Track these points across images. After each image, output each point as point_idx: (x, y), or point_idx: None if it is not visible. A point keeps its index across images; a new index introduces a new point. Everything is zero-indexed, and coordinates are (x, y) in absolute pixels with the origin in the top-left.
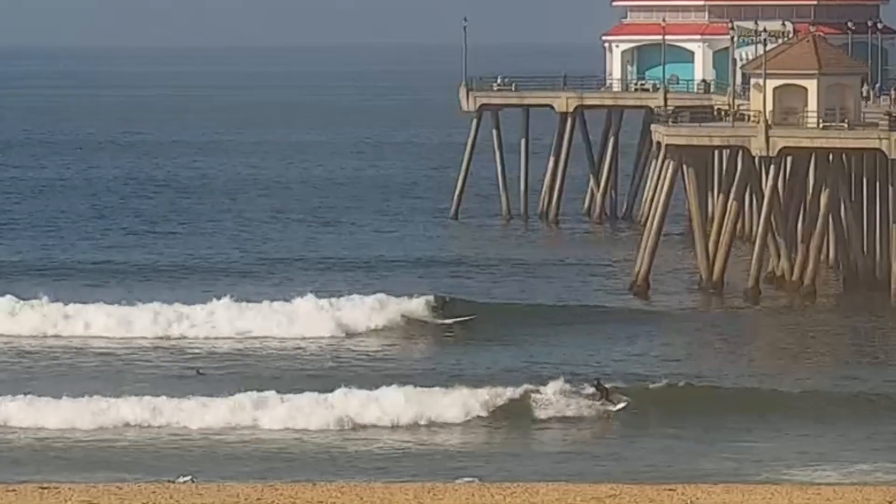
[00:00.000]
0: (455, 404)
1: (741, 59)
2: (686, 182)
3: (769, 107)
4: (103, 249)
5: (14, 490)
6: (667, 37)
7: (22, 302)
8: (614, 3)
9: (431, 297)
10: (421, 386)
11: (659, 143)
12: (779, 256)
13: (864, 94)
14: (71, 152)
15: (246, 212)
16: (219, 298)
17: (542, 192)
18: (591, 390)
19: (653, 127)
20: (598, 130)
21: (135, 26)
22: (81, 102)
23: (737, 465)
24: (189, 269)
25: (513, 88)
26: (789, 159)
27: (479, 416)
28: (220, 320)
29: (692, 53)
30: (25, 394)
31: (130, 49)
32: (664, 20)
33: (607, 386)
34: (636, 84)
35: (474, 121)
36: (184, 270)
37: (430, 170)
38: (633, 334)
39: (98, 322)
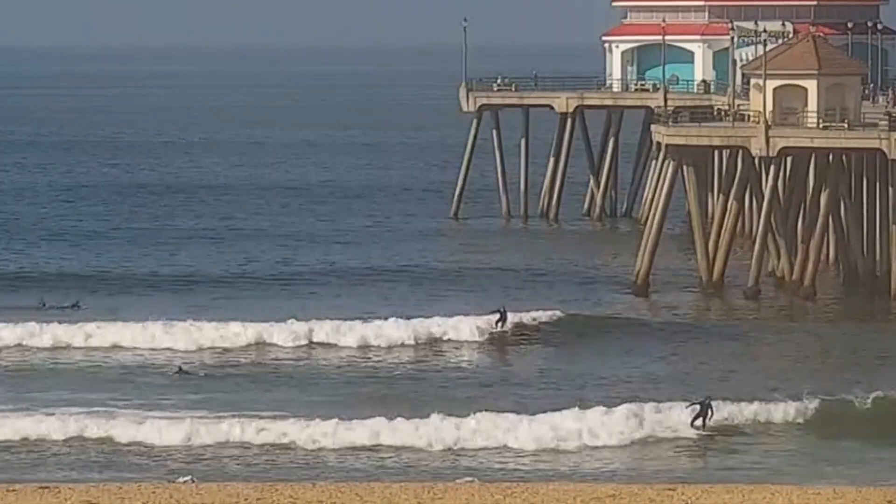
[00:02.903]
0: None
1: (741, 60)
2: (686, 182)
3: (769, 107)
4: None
5: (14, 490)
6: (667, 37)
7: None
8: (614, 4)
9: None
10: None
11: (659, 143)
12: (779, 256)
13: (864, 94)
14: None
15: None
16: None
17: (542, 192)
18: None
19: (653, 127)
20: (599, 130)
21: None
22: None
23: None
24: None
25: (513, 89)
26: (789, 159)
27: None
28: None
29: (692, 54)
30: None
31: (124, 48)
32: (664, 20)
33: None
34: (636, 84)
35: (474, 121)
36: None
37: (430, 170)
38: (634, 337)
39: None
